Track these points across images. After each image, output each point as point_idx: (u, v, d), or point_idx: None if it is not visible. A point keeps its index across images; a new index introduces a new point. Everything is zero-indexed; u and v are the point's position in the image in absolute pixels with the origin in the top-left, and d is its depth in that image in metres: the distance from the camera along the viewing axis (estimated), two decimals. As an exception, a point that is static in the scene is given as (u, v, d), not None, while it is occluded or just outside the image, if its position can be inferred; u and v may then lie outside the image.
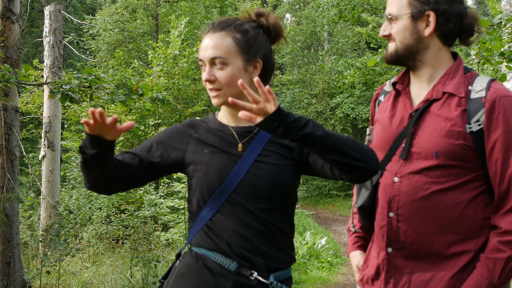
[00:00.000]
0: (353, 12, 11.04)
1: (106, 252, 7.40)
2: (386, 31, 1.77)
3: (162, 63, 10.65)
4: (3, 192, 5.01)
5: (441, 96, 1.70)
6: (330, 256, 7.78)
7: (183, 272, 1.62)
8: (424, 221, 1.66)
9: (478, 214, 1.66)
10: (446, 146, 1.63)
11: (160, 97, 5.49)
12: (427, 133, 1.68)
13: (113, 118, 1.45)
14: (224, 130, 1.69)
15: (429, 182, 1.65)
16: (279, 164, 1.62)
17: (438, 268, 1.67)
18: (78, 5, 21.64)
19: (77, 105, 9.25)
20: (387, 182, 1.74)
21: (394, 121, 1.78)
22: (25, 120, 10.14)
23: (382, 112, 1.86)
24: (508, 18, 3.99)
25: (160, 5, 15.99)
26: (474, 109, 1.64)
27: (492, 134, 1.62)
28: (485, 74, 10.96)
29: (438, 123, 1.67)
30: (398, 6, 1.73)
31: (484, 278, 1.60)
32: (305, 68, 21.05)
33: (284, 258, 1.64)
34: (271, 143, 1.65)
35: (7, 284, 5.03)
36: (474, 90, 1.67)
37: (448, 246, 1.66)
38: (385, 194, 1.74)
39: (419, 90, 1.78)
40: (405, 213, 1.68)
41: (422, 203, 1.66)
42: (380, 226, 1.75)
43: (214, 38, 1.61)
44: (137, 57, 16.26)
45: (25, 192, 11.12)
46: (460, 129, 1.63)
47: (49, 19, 7.39)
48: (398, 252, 1.72)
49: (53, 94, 4.75)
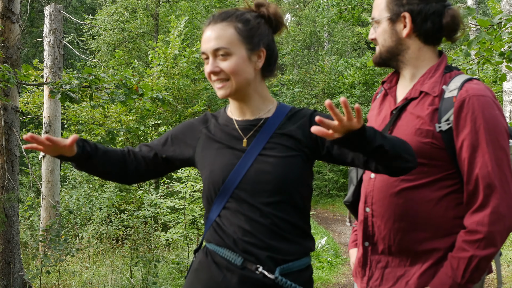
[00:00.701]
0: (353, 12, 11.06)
1: (106, 252, 7.40)
2: (373, 34, 1.83)
3: (162, 63, 10.66)
4: (3, 192, 5.02)
5: (418, 95, 1.72)
6: (330, 256, 7.78)
7: (196, 268, 1.66)
8: (394, 218, 1.69)
9: (449, 213, 1.66)
10: (415, 144, 1.63)
11: (160, 97, 5.50)
12: (401, 131, 1.71)
13: (64, 144, 1.54)
14: (230, 125, 1.69)
15: (399, 180, 1.67)
16: (284, 156, 1.61)
17: (409, 264, 1.70)
18: (78, 5, 21.64)
19: (77, 105, 9.25)
20: (366, 178, 1.81)
21: (379, 119, 1.83)
22: (25, 120, 10.15)
23: (372, 110, 1.92)
24: (508, 18, 3.99)
25: (160, 5, 16.00)
26: (445, 109, 1.65)
27: (460, 133, 1.62)
28: (485, 74, 10.96)
29: (410, 121, 1.70)
30: (378, 10, 1.79)
31: (448, 276, 1.60)
32: (305, 68, 21.06)
33: (293, 250, 1.61)
34: (276, 135, 1.64)
35: (7, 284, 5.03)
36: (448, 90, 1.68)
37: (419, 243, 1.67)
38: (364, 189, 1.81)
39: (403, 89, 1.82)
40: (378, 209, 1.73)
41: (393, 199, 1.69)
42: (360, 221, 1.81)
43: (216, 29, 1.61)
44: (137, 57, 16.28)
45: (25, 192, 11.12)
46: (429, 128, 1.65)
47: (49, 19, 7.39)
48: (374, 246, 1.76)
49: (53, 94, 4.75)
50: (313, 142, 1.62)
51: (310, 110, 1.71)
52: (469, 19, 4.46)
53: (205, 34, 1.62)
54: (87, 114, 9.82)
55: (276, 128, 1.64)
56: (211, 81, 1.65)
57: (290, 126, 1.65)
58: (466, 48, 4.12)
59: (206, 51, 1.61)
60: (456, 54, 4.49)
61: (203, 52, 1.63)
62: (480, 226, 1.57)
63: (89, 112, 9.68)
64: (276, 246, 1.58)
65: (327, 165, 17.67)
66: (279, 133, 1.64)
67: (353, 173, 1.92)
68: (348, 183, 1.98)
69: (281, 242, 1.59)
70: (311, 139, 1.62)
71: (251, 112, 1.69)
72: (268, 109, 1.69)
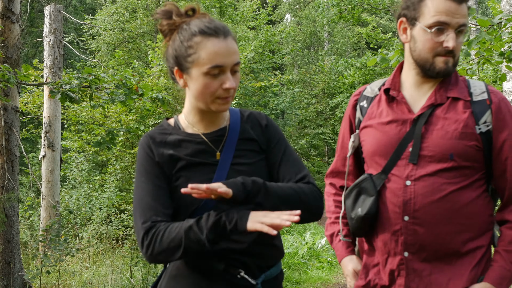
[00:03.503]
0: (353, 12, 11.05)
1: (106, 252, 7.40)
2: (454, 42, 1.70)
3: (162, 63, 10.65)
4: (3, 192, 5.01)
5: (445, 101, 1.75)
6: (330, 256, 7.77)
7: (175, 274, 1.61)
8: (442, 222, 1.69)
9: (486, 211, 1.74)
10: (461, 147, 1.68)
11: (160, 97, 5.49)
12: (438, 136, 1.71)
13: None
14: (195, 139, 1.62)
15: (446, 183, 1.69)
16: (253, 162, 1.62)
17: (454, 266, 1.71)
18: (78, 5, 21.64)
19: (77, 105, 9.24)
20: (398, 186, 1.74)
21: (395, 126, 1.78)
22: (25, 120, 10.15)
23: (376, 117, 1.84)
24: (508, 18, 4.00)
25: (160, 5, 15.99)
26: (480, 111, 1.72)
27: (500, 134, 1.71)
28: (485, 74, 10.97)
29: (448, 126, 1.71)
30: (465, 17, 1.70)
31: (507, 270, 1.69)
32: (305, 68, 21.06)
33: (275, 254, 1.64)
34: (240, 141, 1.63)
35: (7, 284, 5.03)
36: (474, 93, 1.75)
37: (465, 243, 1.71)
38: (397, 198, 1.73)
39: (415, 96, 1.80)
40: (422, 216, 1.69)
41: (440, 204, 1.68)
42: (393, 231, 1.74)
43: (230, 43, 1.54)
44: (137, 57, 16.27)
45: (25, 192, 11.13)
46: (472, 131, 1.70)
47: (49, 19, 7.39)
48: (415, 255, 1.72)
49: (53, 94, 4.75)
50: (267, 146, 1.66)
51: (261, 114, 1.72)
52: (469, 19, 4.46)
53: (220, 47, 1.51)
54: (87, 114, 9.81)
55: (238, 134, 1.63)
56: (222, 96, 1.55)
57: (250, 130, 1.66)
58: (466, 48, 4.12)
59: (226, 64, 1.51)
60: (456, 54, 4.49)
61: (219, 65, 1.51)
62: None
63: (89, 112, 9.67)
64: (260, 252, 1.59)
65: (327, 165, 17.66)
66: (243, 139, 1.63)
67: (368, 184, 1.79)
68: (353, 195, 1.84)
69: (265, 248, 1.60)
70: (266, 142, 1.66)
71: (218, 122, 1.65)
72: (226, 116, 1.68)
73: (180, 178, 1.57)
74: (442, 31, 1.67)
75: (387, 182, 1.76)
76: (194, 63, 1.53)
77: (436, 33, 1.67)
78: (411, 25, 1.75)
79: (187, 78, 1.58)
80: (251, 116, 1.70)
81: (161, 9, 1.59)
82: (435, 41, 1.68)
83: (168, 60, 1.62)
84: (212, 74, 1.52)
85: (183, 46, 1.55)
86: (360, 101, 1.92)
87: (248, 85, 12.20)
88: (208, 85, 1.53)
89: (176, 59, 1.58)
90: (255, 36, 14.32)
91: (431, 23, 1.67)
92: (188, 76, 1.57)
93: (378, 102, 1.87)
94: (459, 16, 1.66)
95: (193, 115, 1.64)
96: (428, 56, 1.71)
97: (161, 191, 1.56)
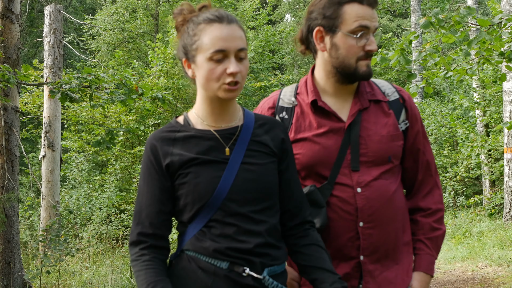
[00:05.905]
0: (353, 12, 11.02)
1: (106, 252, 7.41)
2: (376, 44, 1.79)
3: (161, 63, 10.65)
4: (3, 192, 5.02)
5: (368, 105, 1.80)
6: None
7: (179, 275, 1.61)
8: (390, 221, 1.76)
9: (406, 203, 1.86)
10: (395, 149, 1.78)
11: (160, 96, 5.50)
12: (375, 141, 1.76)
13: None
14: (206, 135, 1.61)
15: (388, 184, 1.77)
16: (264, 163, 1.61)
17: (398, 262, 1.79)
18: (78, 5, 21.64)
19: (77, 105, 9.25)
20: (348, 194, 1.74)
21: (330, 136, 1.77)
22: (25, 120, 10.15)
23: (307, 130, 1.80)
24: (508, 18, 4.00)
25: (160, 5, 16.00)
26: (397, 110, 1.82)
27: (413, 127, 1.83)
28: (485, 74, 10.96)
29: (380, 129, 1.78)
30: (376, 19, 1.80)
31: (432, 256, 1.81)
32: (305, 68, 21.06)
33: (279, 255, 1.63)
34: (252, 142, 1.62)
35: (7, 284, 5.03)
36: (387, 94, 1.84)
37: (404, 238, 1.81)
38: (349, 206, 1.73)
39: (338, 103, 1.81)
40: (375, 219, 1.74)
41: (388, 204, 1.76)
42: (348, 238, 1.74)
43: (234, 29, 1.54)
44: (137, 57, 16.28)
45: (25, 192, 11.13)
46: (398, 132, 1.80)
47: (49, 19, 7.39)
48: (369, 257, 1.76)
49: (53, 94, 4.75)
50: (281, 155, 1.66)
51: (279, 122, 1.71)
52: (469, 19, 4.46)
53: (222, 32, 1.52)
54: (87, 114, 9.82)
55: (251, 135, 1.62)
56: (226, 81, 1.53)
57: (264, 135, 1.65)
58: (466, 48, 4.12)
59: (228, 49, 1.51)
60: (456, 53, 4.49)
61: (222, 49, 1.51)
62: (440, 204, 1.84)
63: (89, 112, 9.68)
64: (266, 253, 1.58)
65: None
66: (255, 140, 1.63)
67: (316, 195, 1.75)
68: (311, 207, 1.76)
69: (271, 248, 1.60)
70: (281, 152, 1.66)
71: (228, 119, 1.64)
72: (239, 116, 1.67)
73: (189, 174, 1.57)
74: (362, 36, 1.71)
75: (334, 191, 1.75)
76: (198, 50, 1.55)
77: (360, 37, 1.71)
78: (331, 33, 1.75)
79: (194, 67, 1.59)
80: (270, 123, 1.68)
81: (177, 8, 1.65)
82: (358, 46, 1.72)
83: (179, 52, 1.64)
84: (216, 59, 1.52)
85: (189, 36, 1.58)
86: (278, 113, 1.86)
87: (248, 85, 12.20)
88: (212, 70, 1.53)
89: (184, 49, 1.61)
90: (255, 36, 14.31)
91: (354, 28, 1.70)
92: (194, 64, 1.58)
93: (301, 113, 1.83)
94: (375, 20, 1.73)
95: (203, 107, 1.64)
96: (352, 61, 1.73)
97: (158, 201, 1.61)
